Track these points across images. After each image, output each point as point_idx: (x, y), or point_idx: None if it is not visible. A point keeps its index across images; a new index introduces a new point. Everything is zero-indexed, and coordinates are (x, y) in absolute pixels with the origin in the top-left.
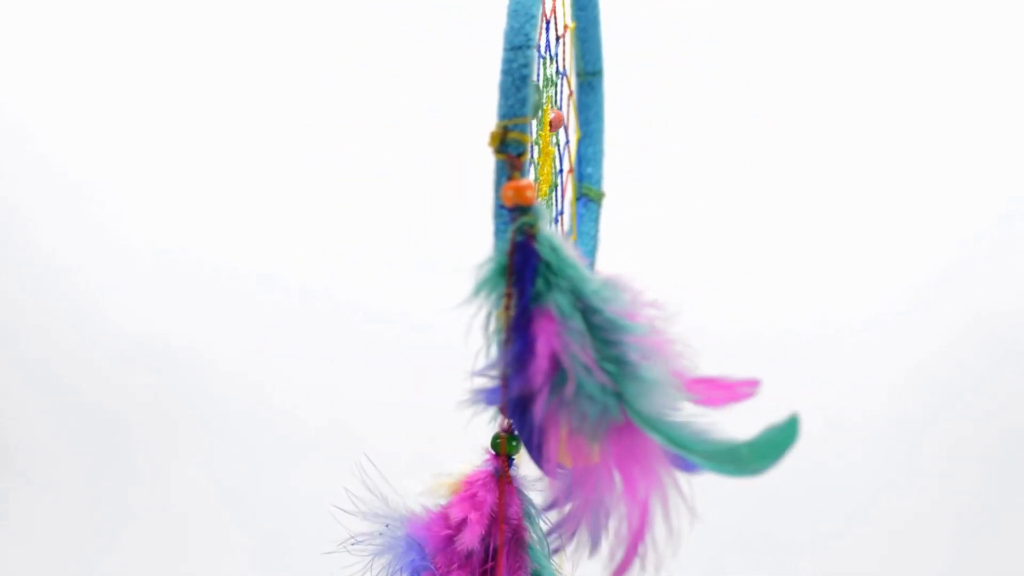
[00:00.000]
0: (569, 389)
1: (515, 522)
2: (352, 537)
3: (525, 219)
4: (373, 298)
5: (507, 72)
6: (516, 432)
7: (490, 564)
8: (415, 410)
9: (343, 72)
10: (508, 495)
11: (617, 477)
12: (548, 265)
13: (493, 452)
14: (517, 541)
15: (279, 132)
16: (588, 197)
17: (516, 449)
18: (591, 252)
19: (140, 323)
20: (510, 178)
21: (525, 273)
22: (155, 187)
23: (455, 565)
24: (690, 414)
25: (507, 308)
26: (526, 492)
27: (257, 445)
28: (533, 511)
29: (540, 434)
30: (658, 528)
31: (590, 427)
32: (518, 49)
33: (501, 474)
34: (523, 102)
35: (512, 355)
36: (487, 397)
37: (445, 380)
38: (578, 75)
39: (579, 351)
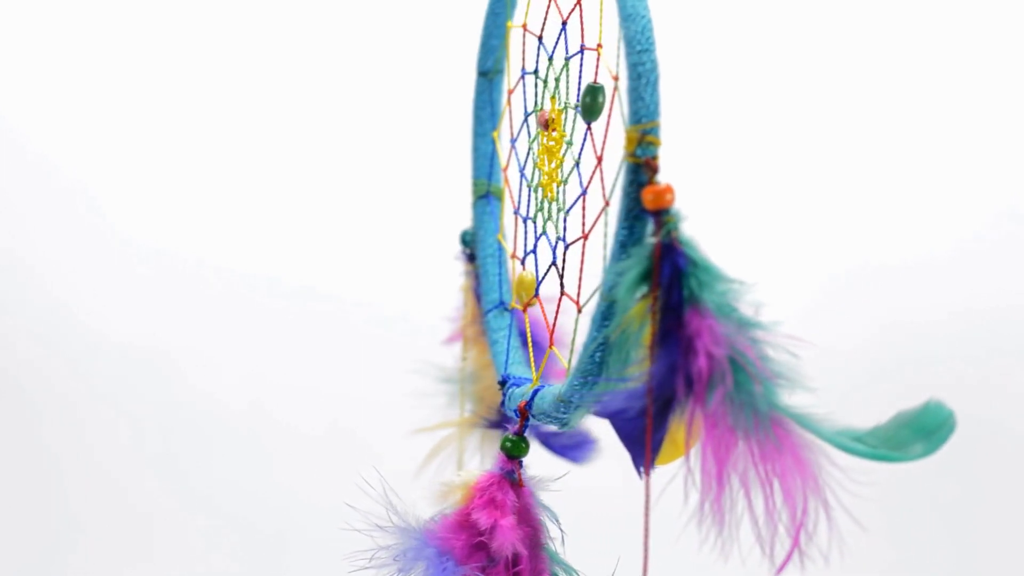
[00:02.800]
0: (755, 387)
1: (535, 524)
2: (378, 549)
3: (670, 222)
4: (365, 297)
5: (637, 76)
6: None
7: (517, 568)
8: (411, 412)
9: (318, 67)
10: (525, 497)
11: (763, 471)
12: (696, 265)
13: (506, 455)
14: (538, 543)
15: (265, 132)
16: (492, 194)
17: (526, 451)
18: (498, 251)
19: (127, 325)
20: (649, 182)
21: (673, 275)
22: (139, 184)
23: (488, 571)
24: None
25: (654, 312)
26: (539, 494)
27: (252, 447)
28: (549, 513)
29: (664, 434)
30: (817, 522)
31: (753, 423)
32: (644, 52)
33: (517, 477)
34: (655, 105)
35: (666, 357)
36: (617, 403)
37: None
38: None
39: (746, 348)
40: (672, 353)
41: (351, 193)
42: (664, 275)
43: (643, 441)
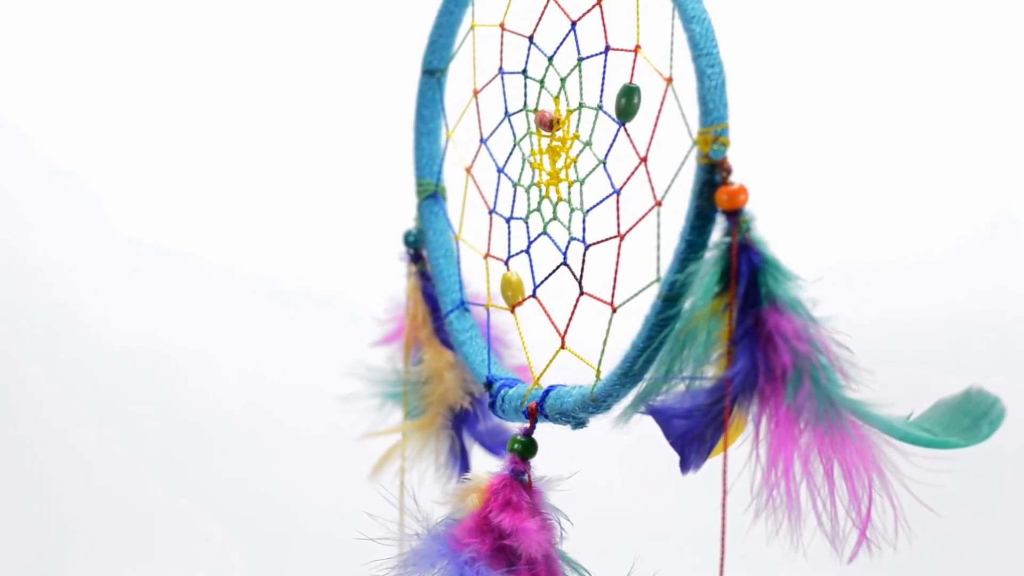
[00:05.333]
0: (835, 380)
1: (548, 525)
2: (403, 555)
3: (745, 221)
4: (364, 299)
5: (708, 78)
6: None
7: (534, 569)
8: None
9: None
10: (536, 497)
11: (830, 461)
12: (769, 263)
13: (518, 456)
14: (552, 543)
15: (262, 131)
16: (439, 194)
17: (536, 452)
18: (449, 250)
19: (126, 326)
20: (723, 182)
21: (750, 274)
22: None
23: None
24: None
25: (731, 310)
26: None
27: (253, 448)
28: (559, 514)
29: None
30: (882, 512)
31: (826, 415)
32: (710, 55)
33: (527, 478)
34: (724, 106)
35: (745, 354)
36: (686, 402)
37: None
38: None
39: (823, 342)
40: (752, 350)
41: (350, 192)
42: (742, 273)
43: (703, 438)
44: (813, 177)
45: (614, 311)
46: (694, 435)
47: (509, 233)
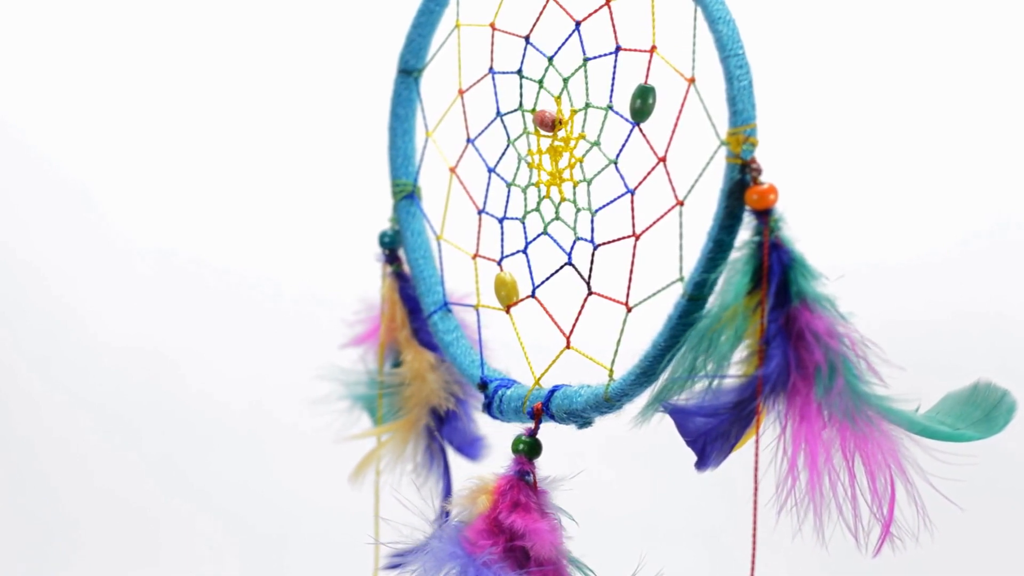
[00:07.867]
0: (864, 375)
1: (555, 525)
2: (419, 560)
3: (774, 221)
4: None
5: (737, 79)
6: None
7: (543, 569)
8: None
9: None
10: (543, 496)
11: (855, 456)
12: (798, 260)
13: (525, 457)
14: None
15: (264, 131)
16: (415, 195)
17: (539, 453)
18: (428, 251)
19: (126, 327)
20: (754, 182)
21: (782, 272)
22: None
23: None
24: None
25: (763, 309)
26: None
27: (254, 449)
28: (564, 514)
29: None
30: (905, 506)
31: (853, 410)
32: (738, 56)
33: (532, 479)
34: (752, 106)
35: (778, 352)
36: (714, 400)
37: None
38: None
39: (851, 339)
40: (784, 348)
41: (352, 194)
42: (773, 272)
43: (728, 436)
44: (810, 178)
45: (629, 311)
46: (718, 433)
47: (502, 234)
